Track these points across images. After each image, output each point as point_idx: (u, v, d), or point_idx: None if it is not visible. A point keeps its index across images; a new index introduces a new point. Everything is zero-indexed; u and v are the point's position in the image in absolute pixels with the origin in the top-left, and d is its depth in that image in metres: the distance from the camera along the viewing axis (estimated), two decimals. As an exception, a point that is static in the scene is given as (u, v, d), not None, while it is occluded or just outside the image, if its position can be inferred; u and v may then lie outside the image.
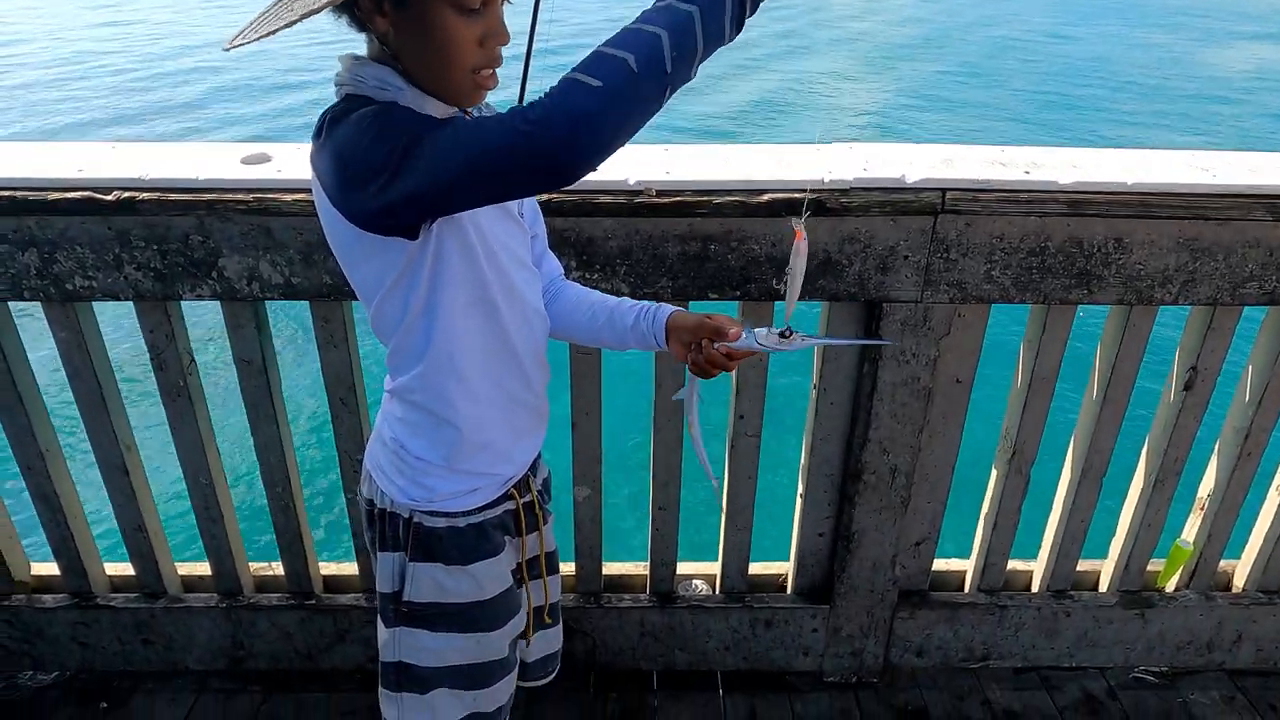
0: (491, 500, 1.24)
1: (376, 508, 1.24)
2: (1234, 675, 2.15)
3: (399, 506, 1.21)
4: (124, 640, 2.04)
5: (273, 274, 1.60)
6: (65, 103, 13.95)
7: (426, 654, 1.25)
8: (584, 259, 1.60)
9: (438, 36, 0.96)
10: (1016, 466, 1.92)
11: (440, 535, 1.21)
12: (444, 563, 1.22)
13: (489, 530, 1.25)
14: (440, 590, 1.22)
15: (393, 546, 1.23)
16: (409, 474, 1.19)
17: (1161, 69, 19.49)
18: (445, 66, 0.99)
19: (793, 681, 2.11)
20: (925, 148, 1.67)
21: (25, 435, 1.82)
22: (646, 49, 0.83)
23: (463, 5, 0.95)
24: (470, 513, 1.22)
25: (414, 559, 1.21)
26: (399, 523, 1.21)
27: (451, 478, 1.19)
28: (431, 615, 1.23)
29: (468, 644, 1.26)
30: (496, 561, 1.26)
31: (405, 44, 0.99)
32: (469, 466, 1.20)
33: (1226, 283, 1.66)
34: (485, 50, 0.99)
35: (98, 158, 1.61)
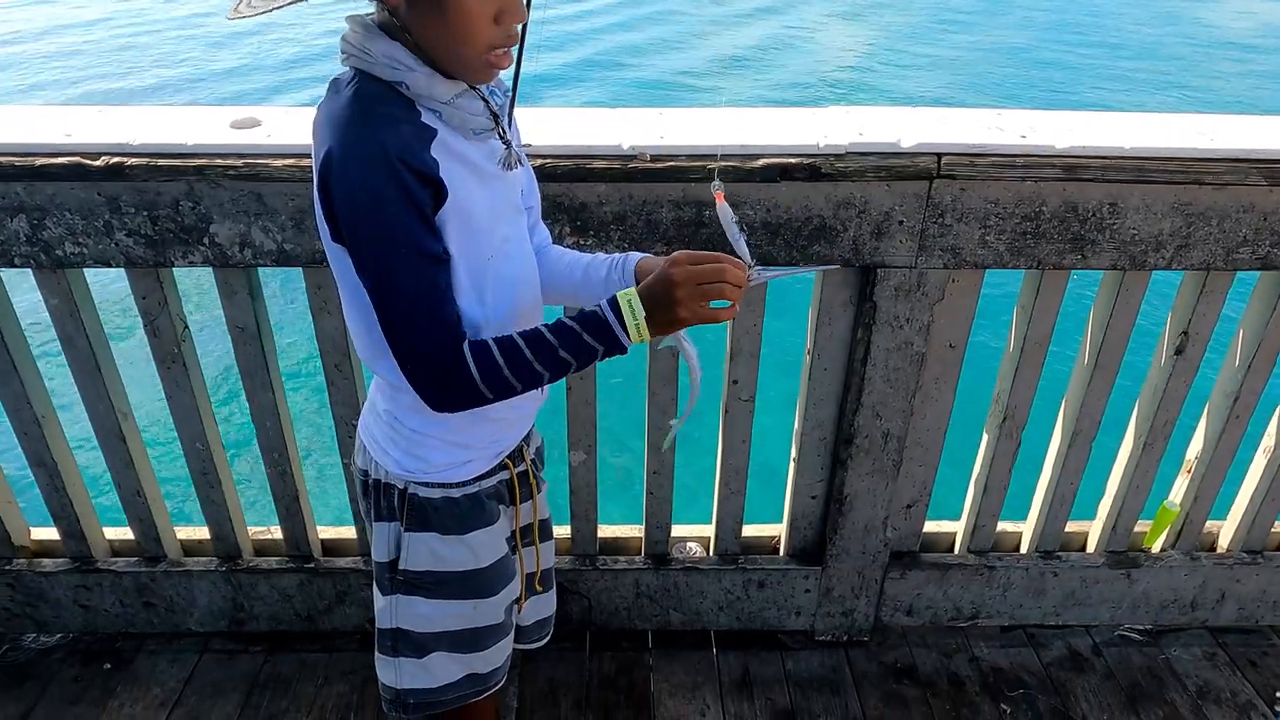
0: (486, 470, 1.25)
1: (371, 478, 1.24)
2: (1216, 633, 2.20)
3: (393, 477, 1.22)
4: (125, 603, 2.07)
5: (265, 240, 1.59)
6: (54, 65, 13.70)
7: (423, 620, 1.27)
8: (578, 224, 1.60)
9: (453, 12, 0.94)
10: (1008, 431, 1.94)
11: (436, 505, 1.22)
12: (440, 532, 1.23)
13: (484, 500, 1.26)
14: (436, 559, 1.24)
15: (388, 516, 1.24)
16: (403, 445, 1.20)
17: (1158, 26, 19.23)
18: (459, 43, 0.97)
19: (785, 640, 2.16)
20: (921, 111, 1.66)
21: (20, 401, 1.82)
22: (530, 377, 1.03)
23: None
24: (465, 483, 1.23)
25: (409, 529, 1.23)
26: (394, 493, 1.22)
27: (447, 449, 1.20)
28: (428, 583, 1.25)
29: (463, 610, 1.28)
30: (491, 531, 1.27)
31: (418, 18, 0.97)
32: (465, 439, 1.20)
33: (1220, 248, 1.66)
34: (500, 27, 0.97)
35: (85, 122, 1.59)
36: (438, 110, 1.01)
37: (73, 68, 13.71)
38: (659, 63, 14.63)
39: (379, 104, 0.98)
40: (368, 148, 0.94)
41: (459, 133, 1.03)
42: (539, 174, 1.50)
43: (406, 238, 0.96)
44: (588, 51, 15.10)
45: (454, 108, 1.01)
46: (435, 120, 1.02)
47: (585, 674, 2.06)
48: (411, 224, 0.96)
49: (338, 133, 0.95)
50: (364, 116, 0.96)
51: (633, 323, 1.01)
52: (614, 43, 15.95)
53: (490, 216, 1.08)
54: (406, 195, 0.95)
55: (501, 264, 1.12)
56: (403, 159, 0.94)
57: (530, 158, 1.51)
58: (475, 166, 1.05)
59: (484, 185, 1.07)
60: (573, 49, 15.07)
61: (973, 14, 20.38)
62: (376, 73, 0.98)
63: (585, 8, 18.53)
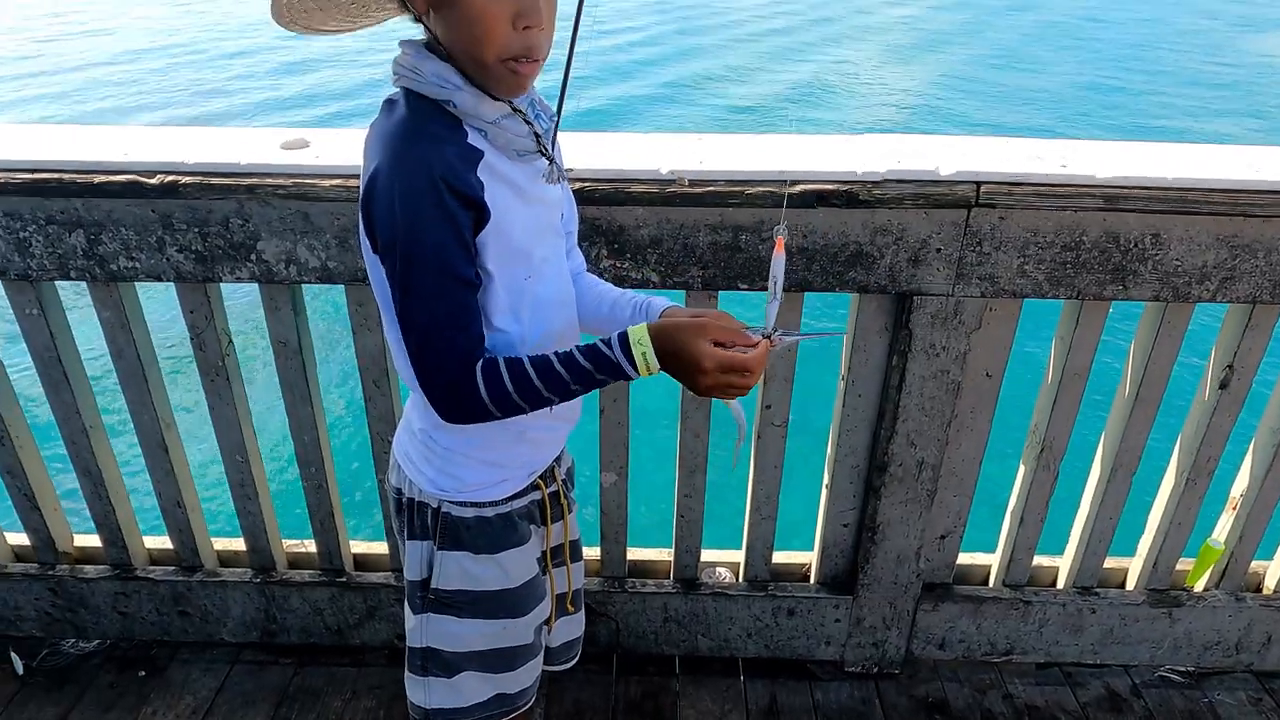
0: (519, 490, 1.26)
1: (405, 496, 1.26)
2: (1261, 677, 2.13)
3: (427, 496, 1.23)
4: (162, 611, 2.11)
5: (309, 258, 1.63)
6: (118, 87, 14.21)
7: (453, 639, 1.28)
8: (615, 247, 1.61)
9: (468, 14, 0.96)
10: (1045, 462, 1.91)
11: (469, 524, 1.23)
12: (472, 551, 1.23)
13: (516, 520, 1.26)
14: (468, 578, 1.24)
15: (421, 535, 1.25)
16: (438, 464, 1.21)
17: (1203, 56, 19.00)
18: (478, 47, 0.98)
19: (814, 670, 2.13)
20: (959, 139, 1.66)
21: (70, 411, 1.88)
22: (538, 401, 1.05)
23: None
24: (498, 503, 1.24)
25: (442, 547, 1.23)
26: (427, 512, 1.23)
27: (481, 468, 1.21)
28: (459, 602, 1.26)
29: (494, 629, 1.28)
30: (523, 550, 1.28)
31: (443, 25, 0.99)
32: (499, 458, 1.21)
33: (1267, 281, 1.63)
34: (519, 33, 0.98)
35: (142, 141, 1.65)
36: (483, 130, 1.03)
37: (133, 92, 14.20)
38: (703, 100, 14.75)
39: (428, 123, 1.00)
40: (414, 167, 0.96)
41: (503, 153, 1.05)
42: (578, 196, 1.53)
43: (440, 258, 0.98)
44: (632, 88, 15.29)
45: (499, 128, 1.03)
46: (481, 140, 1.04)
47: (611, 698, 2.04)
48: (447, 245, 0.98)
49: (386, 150, 0.98)
50: (413, 136, 0.98)
51: (642, 363, 1.04)
52: (660, 79, 16.14)
53: (530, 237, 1.10)
54: (447, 216, 0.97)
55: (539, 284, 1.13)
56: (447, 180, 0.96)
57: (569, 181, 1.53)
58: (518, 188, 1.07)
59: (526, 206, 1.08)
60: (618, 83, 15.29)
61: (1019, 44, 20.33)
62: (426, 91, 1.01)
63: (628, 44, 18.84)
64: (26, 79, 14.62)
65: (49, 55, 16.46)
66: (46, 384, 1.85)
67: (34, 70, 15.23)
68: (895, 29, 22.57)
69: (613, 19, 20.67)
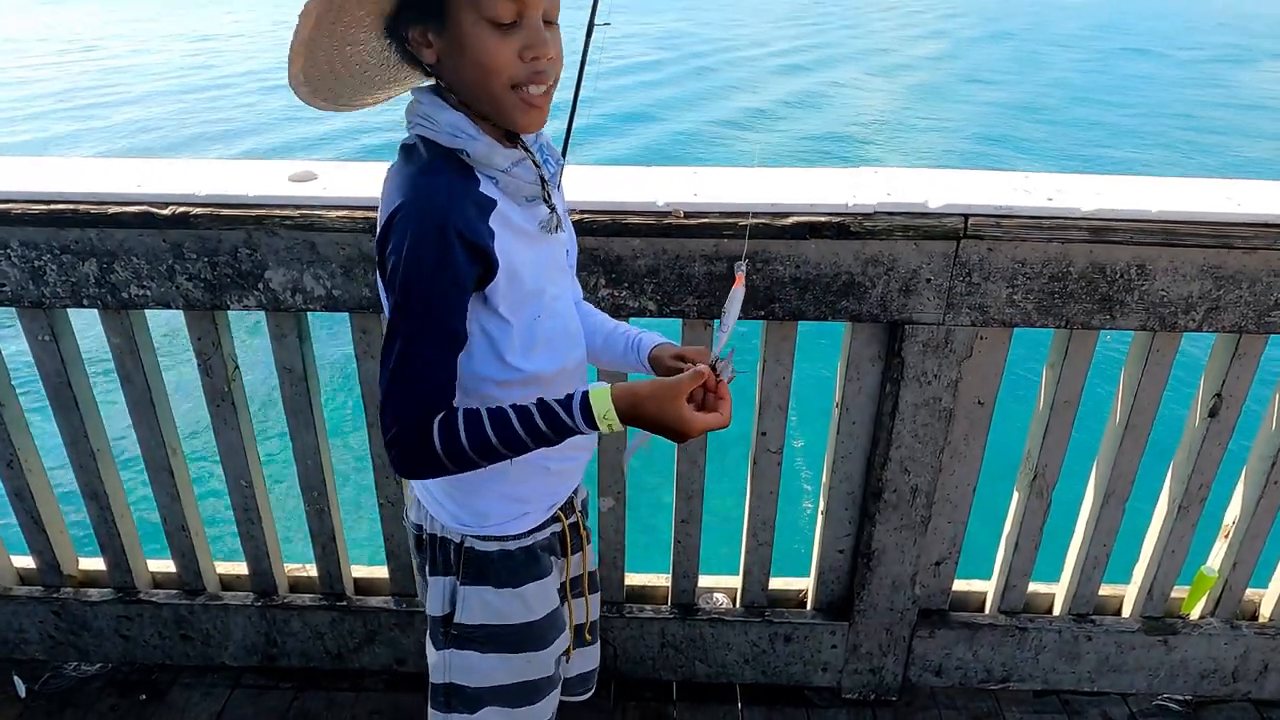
0: (541, 523, 1.27)
1: (426, 533, 1.27)
2: (1260, 706, 2.13)
3: (449, 531, 1.24)
4: (164, 635, 2.13)
5: (315, 286, 1.67)
6: (133, 123, 14.46)
7: (476, 674, 1.28)
8: (612, 277, 1.66)
9: (474, 53, 0.99)
10: (1038, 489, 1.93)
11: (492, 558, 1.24)
12: (495, 585, 1.24)
13: (538, 553, 1.27)
14: (491, 612, 1.25)
15: (444, 571, 1.26)
16: (460, 500, 1.22)
17: (1197, 91, 19.19)
18: (486, 82, 1.01)
19: (811, 697, 2.13)
20: (948, 173, 1.71)
21: (79, 435, 1.91)
22: (493, 457, 1.05)
23: (495, 20, 0.97)
24: (521, 536, 1.25)
25: (465, 582, 1.24)
26: (450, 547, 1.24)
27: (504, 503, 1.22)
28: (481, 637, 1.26)
29: (517, 663, 1.29)
30: (545, 583, 1.29)
31: (452, 70, 1.02)
32: (523, 492, 1.23)
33: (1252, 311, 1.66)
34: (526, 64, 1.00)
35: (155, 174, 1.70)
36: (495, 178, 1.06)
37: (149, 122, 14.44)
38: (691, 116, 14.92)
39: (447, 175, 1.03)
40: (433, 216, 0.98)
41: (514, 200, 1.08)
42: (578, 227, 1.57)
43: (434, 309, 1.00)
44: (627, 104, 15.48)
45: (510, 175, 1.06)
46: (493, 189, 1.06)
47: (609, 723, 2.05)
48: (444, 298, 1.00)
49: (409, 193, 1.00)
50: (434, 187, 1.01)
51: (604, 426, 1.04)
52: (650, 98, 16.33)
53: (538, 277, 1.12)
54: (453, 269, 0.99)
55: (549, 321, 1.15)
56: (461, 233, 0.99)
57: (568, 212, 1.58)
58: (525, 231, 1.10)
59: (533, 247, 1.11)
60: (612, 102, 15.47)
61: (1008, 75, 20.55)
62: (440, 140, 1.03)
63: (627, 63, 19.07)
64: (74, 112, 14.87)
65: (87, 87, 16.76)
66: (56, 408, 1.89)
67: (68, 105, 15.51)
68: (896, 69, 22.84)
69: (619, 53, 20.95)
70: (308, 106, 1.08)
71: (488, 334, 1.09)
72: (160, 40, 22.64)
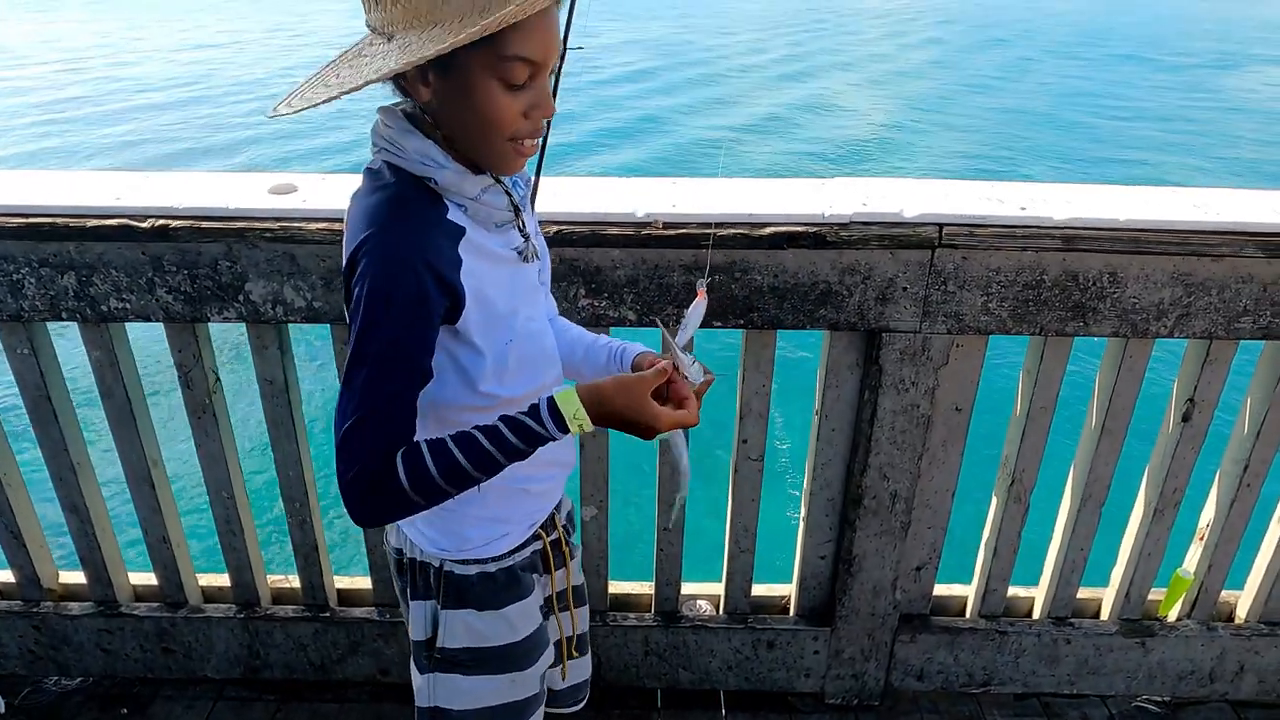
0: (520, 543, 1.26)
1: (405, 557, 1.26)
2: (1237, 707, 2.15)
3: (429, 556, 1.23)
4: (145, 648, 2.12)
5: (295, 298, 1.68)
6: (111, 133, 14.39)
7: (462, 697, 1.27)
8: (592, 287, 1.67)
9: (481, 109, 0.97)
10: (1016, 494, 1.96)
11: (472, 582, 1.23)
12: (476, 608, 1.24)
13: (519, 573, 1.27)
14: (474, 635, 1.25)
15: (424, 595, 1.25)
16: (439, 524, 1.22)
17: (1181, 96, 19.44)
18: (487, 135, 1.00)
19: (794, 703, 2.14)
20: (923, 183, 1.73)
21: (59, 448, 1.90)
22: (465, 482, 1.02)
23: (509, 81, 0.96)
24: (500, 557, 1.24)
25: (446, 606, 1.24)
26: (429, 571, 1.24)
27: (483, 525, 1.21)
28: (466, 660, 1.26)
29: (502, 684, 1.28)
30: (527, 603, 1.28)
31: (448, 112, 1.00)
32: (502, 513, 1.22)
33: (1221, 317, 1.69)
34: (529, 121, 1.00)
35: (134, 187, 1.70)
36: (464, 205, 1.04)
37: (126, 134, 14.37)
38: (682, 128, 14.99)
39: (413, 205, 1.01)
40: (399, 250, 0.96)
41: (483, 226, 1.06)
42: (557, 239, 1.59)
43: (401, 343, 0.97)
44: (614, 117, 15.54)
45: (480, 203, 1.04)
46: (462, 216, 1.04)
47: (593, 732, 2.05)
48: (411, 333, 0.98)
49: (374, 226, 0.98)
50: (400, 217, 0.99)
51: (575, 427, 1.02)
52: (642, 110, 16.40)
53: (511, 301, 1.11)
54: (421, 304, 0.97)
55: (524, 345, 1.14)
56: (430, 265, 0.97)
57: (548, 224, 1.59)
58: (497, 257, 1.08)
59: (504, 271, 1.10)
60: (596, 117, 15.53)
61: (990, 82, 20.75)
62: (408, 168, 1.01)
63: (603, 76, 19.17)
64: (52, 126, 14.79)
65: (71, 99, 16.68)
66: (35, 422, 1.88)
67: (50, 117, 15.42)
68: (871, 66, 23.01)
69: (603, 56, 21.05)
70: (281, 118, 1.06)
71: (460, 364, 1.08)
72: (144, 53, 22.57)
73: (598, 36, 4.71)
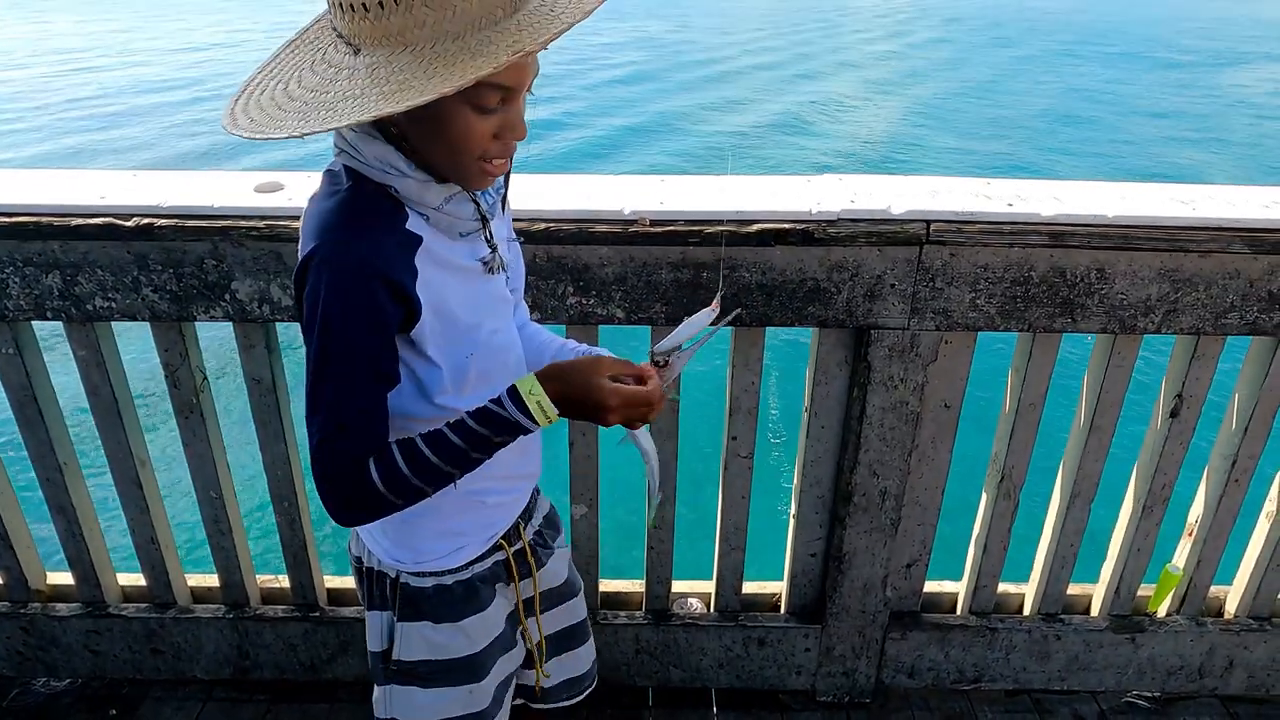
0: (478, 555, 1.24)
1: (364, 565, 1.25)
2: (1226, 701, 2.16)
3: (385, 566, 1.22)
4: (134, 649, 2.11)
5: (282, 296, 1.67)
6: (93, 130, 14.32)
7: (418, 710, 1.26)
8: (580, 285, 1.66)
9: (452, 131, 0.94)
10: (1005, 490, 1.96)
11: (428, 594, 1.21)
12: (433, 621, 1.22)
13: (477, 586, 1.25)
14: (430, 648, 1.23)
15: (380, 605, 1.24)
16: (394, 535, 1.20)
17: (1180, 92, 19.50)
18: (456, 155, 0.97)
19: (785, 700, 2.14)
20: (912, 179, 1.73)
21: (45, 449, 1.89)
22: (439, 478, 1.01)
23: (481, 106, 0.93)
24: (458, 569, 1.22)
25: (402, 619, 1.22)
26: (385, 582, 1.22)
27: (438, 538, 1.20)
28: (423, 672, 1.24)
29: (458, 696, 1.27)
30: (485, 616, 1.26)
31: (416, 130, 0.96)
32: (456, 526, 1.20)
33: (1208, 313, 1.70)
34: (500, 142, 0.98)
35: (119, 185, 1.69)
36: (425, 214, 1.01)
37: (114, 137, 14.31)
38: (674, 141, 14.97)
39: (368, 214, 0.98)
40: (349, 261, 0.94)
41: (445, 235, 1.03)
42: (544, 236, 1.58)
43: (359, 353, 0.96)
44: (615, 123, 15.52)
45: (443, 213, 1.01)
46: (422, 225, 1.01)
47: (584, 730, 2.05)
48: (371, 342, 0.97)
49: (324, 235, 0.95)
50: (352, 226, 0.96)
51: (539, 412, 1.01)
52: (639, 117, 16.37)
53: (474, 313, 1.08)
54: (376, 314, 0.95)
55: (486, 358, 1.11)
56: (382, 275, 0.94)
57: (535, 221, 1.59)
58: (459, 268, 1.05)
59: (467, 284, 1.07)
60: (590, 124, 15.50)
61: (983, 80, 20.78)
62: (367, 174, 0.98)
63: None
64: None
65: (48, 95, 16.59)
66: (21, 422, 1.87)
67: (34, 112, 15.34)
68: (873, 64, 23.04)
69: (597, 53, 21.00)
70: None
71: (415, 375, 1.06)
72: (136, 52, 22.49)
73: (600, 35, 4.66)
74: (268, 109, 0.93)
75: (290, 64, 0.97)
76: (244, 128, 0.92)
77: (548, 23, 0.89)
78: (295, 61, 0.97)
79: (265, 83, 0.97)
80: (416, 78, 0.86)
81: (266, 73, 0.98)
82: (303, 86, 0.93)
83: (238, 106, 0.95)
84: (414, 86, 0.86)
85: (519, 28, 0.89)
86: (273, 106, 0.93)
